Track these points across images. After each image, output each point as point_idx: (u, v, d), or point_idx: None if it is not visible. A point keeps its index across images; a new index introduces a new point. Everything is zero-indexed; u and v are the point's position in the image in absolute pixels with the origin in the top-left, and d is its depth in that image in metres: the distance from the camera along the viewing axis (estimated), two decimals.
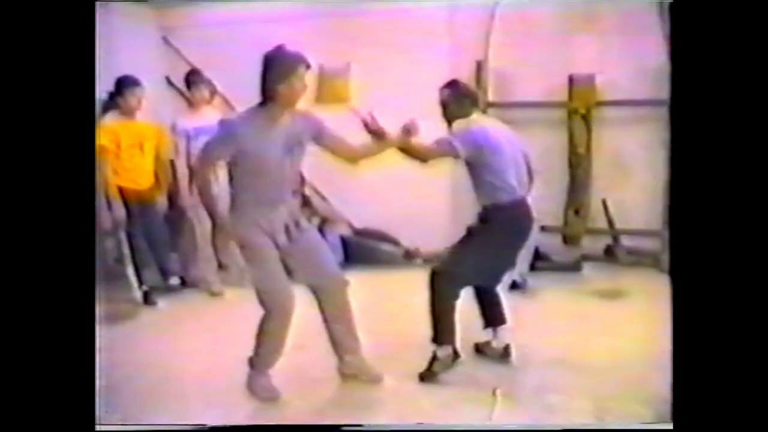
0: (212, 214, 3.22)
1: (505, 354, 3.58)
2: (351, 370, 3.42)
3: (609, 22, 5.31)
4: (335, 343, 3.40)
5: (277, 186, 3.13)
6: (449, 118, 3.47)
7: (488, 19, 5.50)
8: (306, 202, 5.71)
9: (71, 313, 2.10)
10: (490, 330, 3.63)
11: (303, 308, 3.26)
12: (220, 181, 3.77)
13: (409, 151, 3.34)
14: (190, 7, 6.04)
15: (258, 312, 3.19)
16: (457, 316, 3.40)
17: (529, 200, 3.51)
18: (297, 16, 5.75)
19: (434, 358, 3.40)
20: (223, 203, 3.27)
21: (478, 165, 3.37)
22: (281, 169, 3.10)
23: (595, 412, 3.02)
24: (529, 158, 3.60)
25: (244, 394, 3.25)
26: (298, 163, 3.22)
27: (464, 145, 3.33)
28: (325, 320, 3.37)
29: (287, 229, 3.18)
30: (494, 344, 3.62)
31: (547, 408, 3.07)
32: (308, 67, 3.05)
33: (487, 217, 3.41)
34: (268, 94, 3.00)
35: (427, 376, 3.38)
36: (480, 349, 3.68)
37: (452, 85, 3.52)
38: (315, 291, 3.33)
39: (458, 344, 3.47)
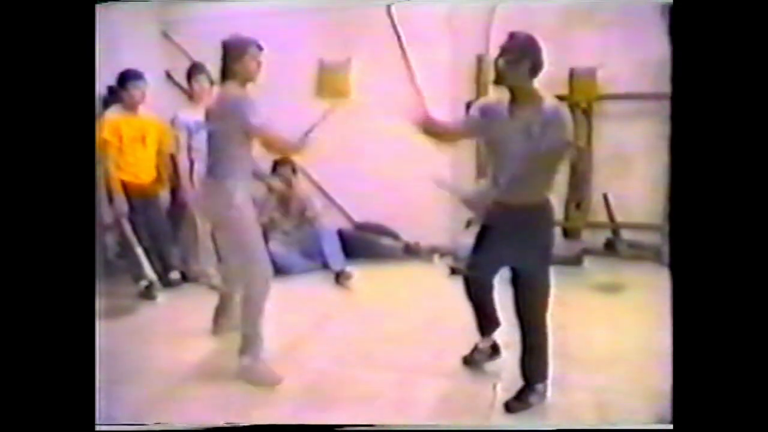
0: None
1: (494, 352, 3.50)
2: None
3: (610, 16, 5.29)
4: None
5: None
6: (500, 82, 2.95)
7: (489, 13, 5.49)
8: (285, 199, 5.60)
9: (71, 309, 2.10)
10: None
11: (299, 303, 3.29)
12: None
13: None
14: (189, 2, 6.03)
15: None
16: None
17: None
18: (297, 10, 5.74)
19: (475, 348, 3.45)
20: None
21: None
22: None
23: (595, 406, 3.03)
24: None
25: (244, 388, 3.26)
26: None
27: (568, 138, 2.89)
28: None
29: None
30: (481, 346, 3.48)
31: (547, 401, 3.08)
32: (260, 48, 3.35)
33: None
34: (226, 75, 3.34)
35: (468, 362, 3.45)
36: (468, 361, 3.49)
37: (512, 37, 2.92)
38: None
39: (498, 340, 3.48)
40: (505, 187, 2.96)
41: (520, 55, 2.84)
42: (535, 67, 2.87)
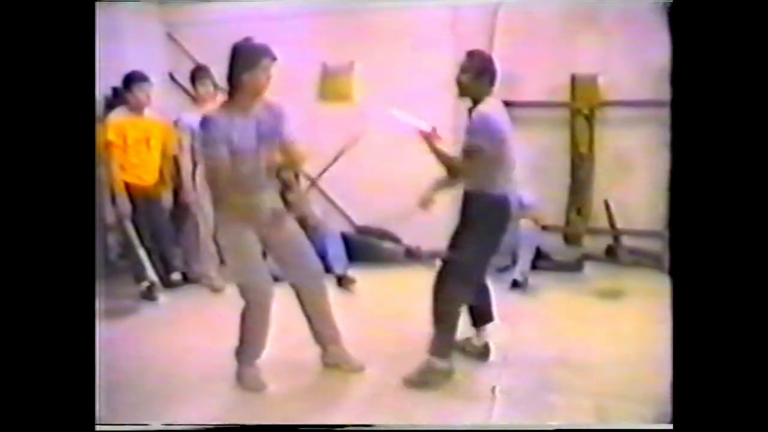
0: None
1: (484, 352, 3.57)
2: (333, 360, 3.50)
3: (612, 22, 5.31)
4: (317, 334, 3.50)
5: (255, 174, 3.16)
6: (466, 94, 3.26)
7: (491, 18, 5.51)
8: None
9: (71, 309, 2.11)
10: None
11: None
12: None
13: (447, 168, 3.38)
14: (194, 4, 6.06)
15: None
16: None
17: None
18: (301, 13, 5.76)
19: (431, 368, 3.29)
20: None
21: (493, 155, 3.16)
22: (257, 158, 3.15)
23: (596, 412, 3.03)
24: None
25: (243, 389, 3.27)
26: (272, 151, 3.22)
27: (489, 141, 3.13)
28: (306, 313, 3.46)
29: (273, 214, 3.27)
30: (475, 342, 3.60)
31: (547, 407, 3.08)
32: (273, 59, 3.10)
33: (477, 207, 3.30)
34: (233, 84, 3.08)
35: (417, 384, 3.27)
36: (459, 346, 3.57)
37: (472, 56, 3.27)
38: (294, 285, 3.41)
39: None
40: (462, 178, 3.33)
41: (481, 70, 3.21)
42: (493, 80, 3.24)
